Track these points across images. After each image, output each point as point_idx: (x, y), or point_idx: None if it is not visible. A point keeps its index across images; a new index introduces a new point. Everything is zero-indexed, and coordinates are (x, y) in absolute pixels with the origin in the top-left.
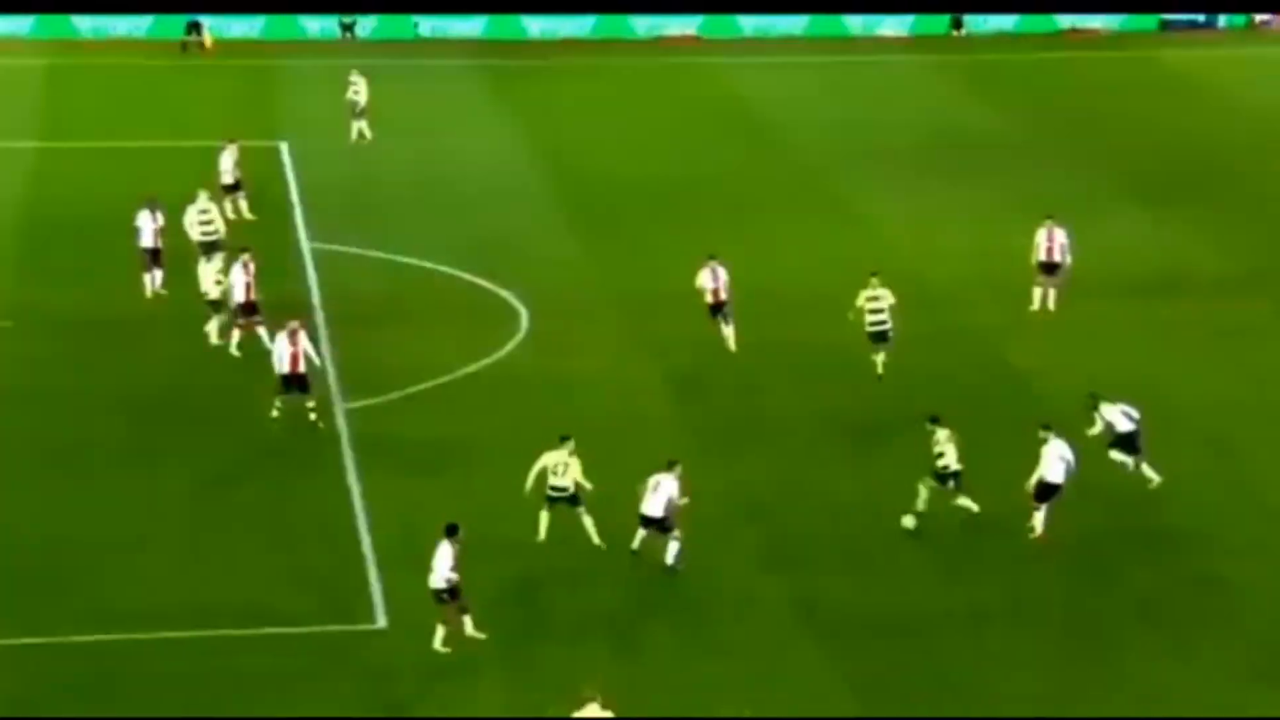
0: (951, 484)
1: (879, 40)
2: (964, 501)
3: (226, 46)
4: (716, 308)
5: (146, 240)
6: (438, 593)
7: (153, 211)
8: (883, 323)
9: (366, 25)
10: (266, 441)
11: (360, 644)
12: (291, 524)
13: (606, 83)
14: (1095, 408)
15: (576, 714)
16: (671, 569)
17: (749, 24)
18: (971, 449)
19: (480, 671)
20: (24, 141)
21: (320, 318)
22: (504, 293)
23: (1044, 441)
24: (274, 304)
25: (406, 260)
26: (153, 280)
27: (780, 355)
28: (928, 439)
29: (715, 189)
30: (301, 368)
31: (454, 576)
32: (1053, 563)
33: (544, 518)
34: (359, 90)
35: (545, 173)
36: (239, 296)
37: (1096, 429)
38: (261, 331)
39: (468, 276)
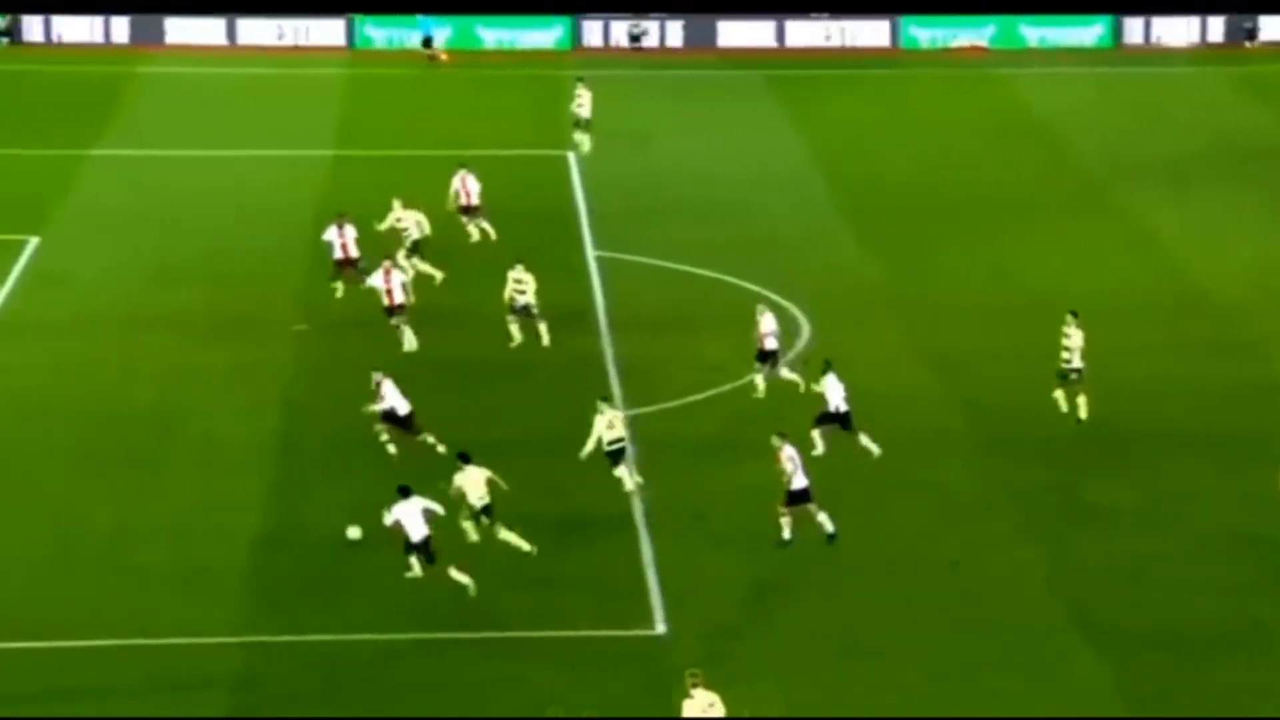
0: None
1: (1164, 50)
2: None
3: (518, 56)
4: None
5: (337, 254)
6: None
7: (340, 227)
8: (1068, 361)
9: (655, 36)
10: (548, 443)
11: (638, 649)
12: (571, 527)
13: (891, 93)
14: (824, 373)
15: (687, 701)
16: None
17: (1034, 35)
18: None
19: (755, 678)
20: (321, 150)
21: (603, 325)
22: (786, 302)
23: None
24: (556, 312)
25: (689, 269)
26: (340, 287)
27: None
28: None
29: (999, 197)
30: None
31: (426, 531)
32: None
33: (621, 471)
34: (583, 103)
35: (830, 182)
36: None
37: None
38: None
39: (750, 285)
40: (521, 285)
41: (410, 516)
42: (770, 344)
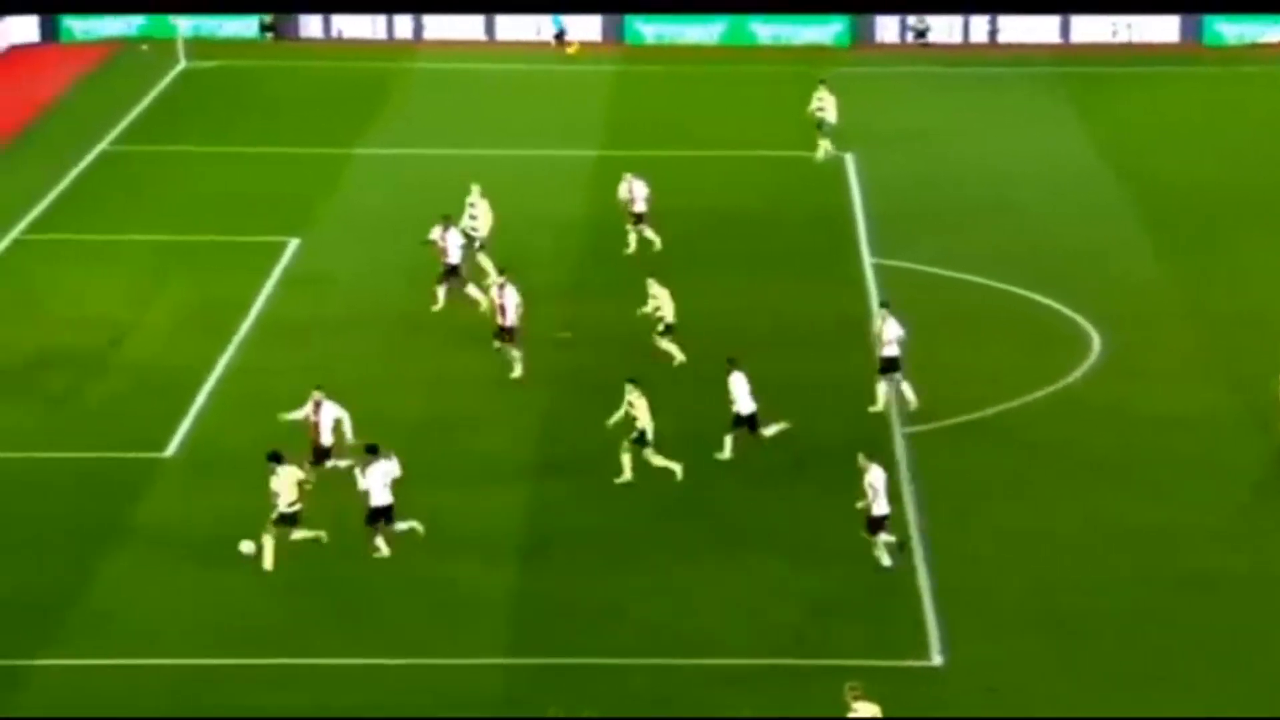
0: None
1: None
2: None
3: (794, 53)
4: None
5: (449, 257)
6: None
7: (445, 229)
8: None
9: (939, 32)
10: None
11: (913, 681)
12: (842, 550)
13: (1189, 90)
14: (730, 371)
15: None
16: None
17: None
18: None
19: (1036, 715)
20: (585, 150)
21: None
22: (1074, 314)
23: None
24: (831, 322)
25: (970, 277)
26: (442, 292)
27: None
28: None
29: None
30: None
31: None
32: None
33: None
34: (825, 106)
35: (1121, 184)
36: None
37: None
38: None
39: (1035, 296)
40: (657, 300)
41: (377, 480)
42: (891, 351)
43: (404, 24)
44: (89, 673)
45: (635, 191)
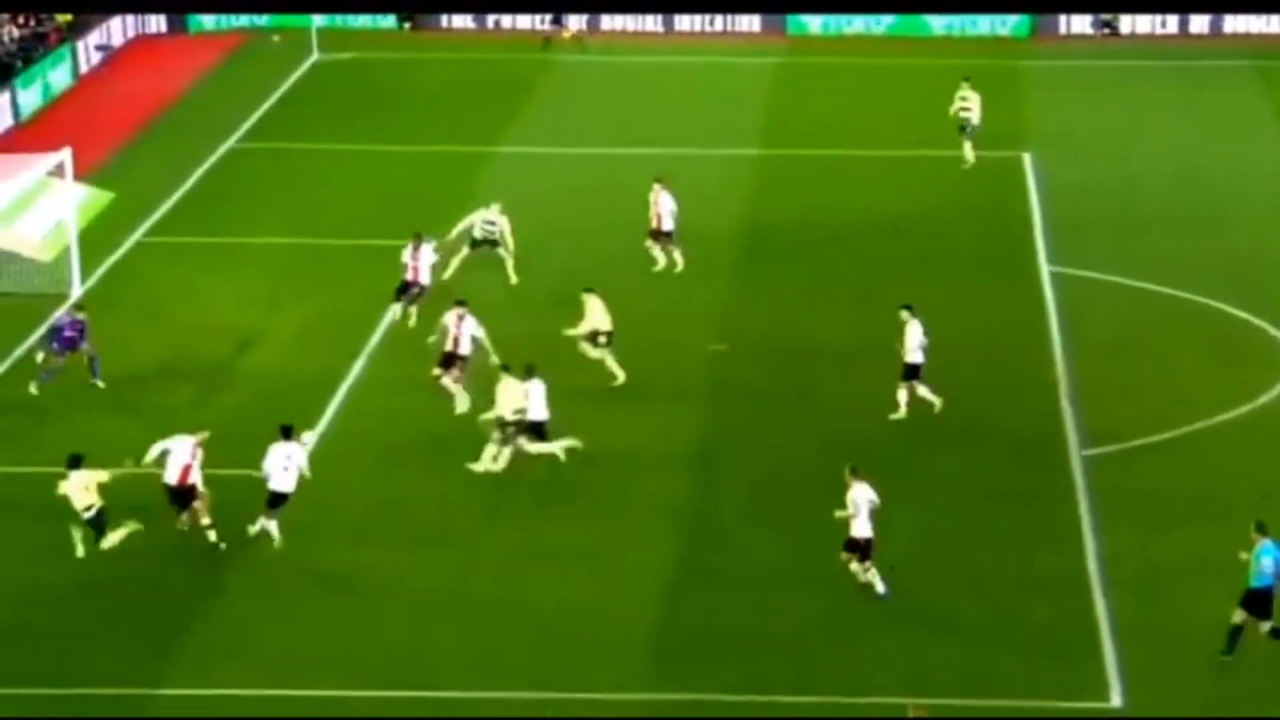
0: None
1: None
2: None
3: (970, 45)
4: None
5: (407, 274)
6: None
7: (416, 248)
8: None
9: (1128, 23)
10: (992, 488)
11: None
12: (1008, 577)
13: None
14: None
15: None
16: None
17: None
18: None
19: None
20: (745, 149)
21: (1057, 350)
22: (1272, 328)
23: None
24: (1003, 333)
25: (1157, 288)
26: (402, 309)
27: None
28: None
29: None
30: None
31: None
32: None
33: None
34: (970, 106)
35: None
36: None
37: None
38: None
39: (1228, 308)
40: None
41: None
42: (915, 358)
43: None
44: (209, 702)
45: (662, 205)
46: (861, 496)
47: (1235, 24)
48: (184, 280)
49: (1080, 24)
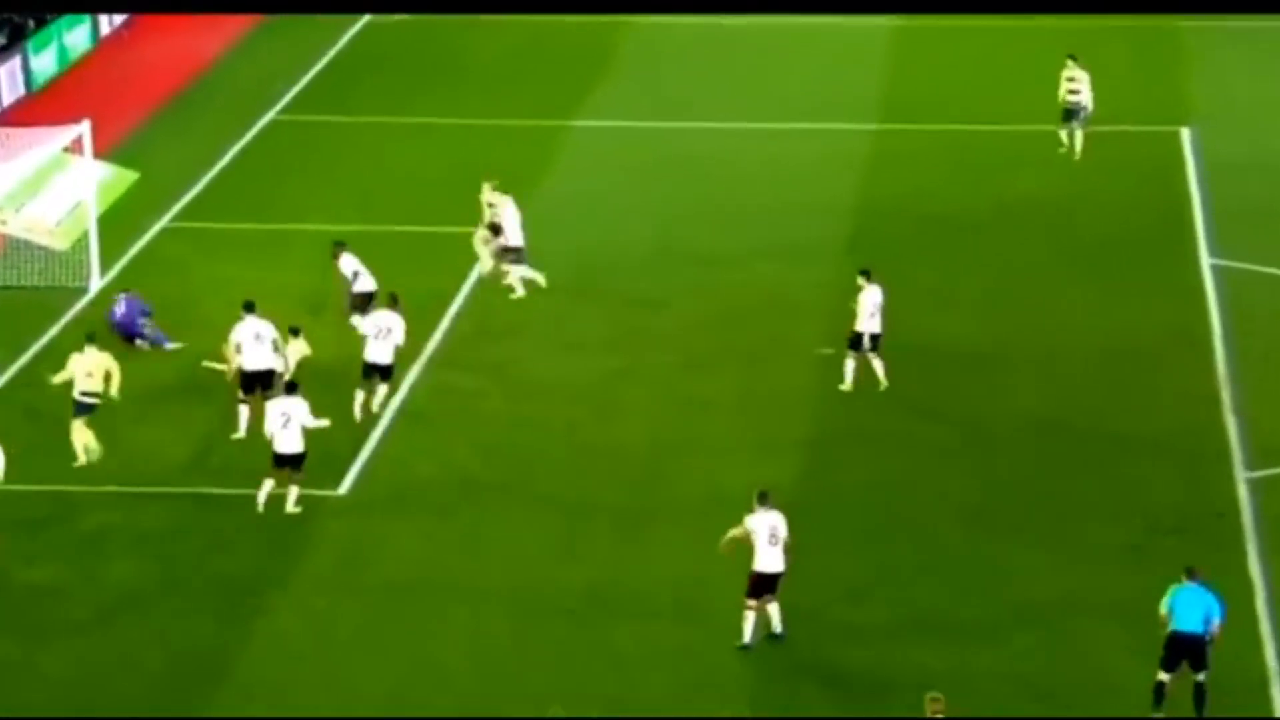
0: None
1: None
2: None
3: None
4: None
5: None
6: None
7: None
8: None
9: None
10: (1146, 514)
11: None
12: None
13: None
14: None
15: None
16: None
17: None
18: None
19: None
20: (862, 124)
21: (1219, 353)
22: None
23: None
24: (1159, 332)
25: None
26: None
27: None
28: None
29: None
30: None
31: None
32: None
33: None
34: (1078, 87)
35: None
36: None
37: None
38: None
39: None
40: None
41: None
42: (870, 326)
43: None
44: None
45: (507, 218)
46: (765, 527)
47: None
48: (216, 272)
49: None
